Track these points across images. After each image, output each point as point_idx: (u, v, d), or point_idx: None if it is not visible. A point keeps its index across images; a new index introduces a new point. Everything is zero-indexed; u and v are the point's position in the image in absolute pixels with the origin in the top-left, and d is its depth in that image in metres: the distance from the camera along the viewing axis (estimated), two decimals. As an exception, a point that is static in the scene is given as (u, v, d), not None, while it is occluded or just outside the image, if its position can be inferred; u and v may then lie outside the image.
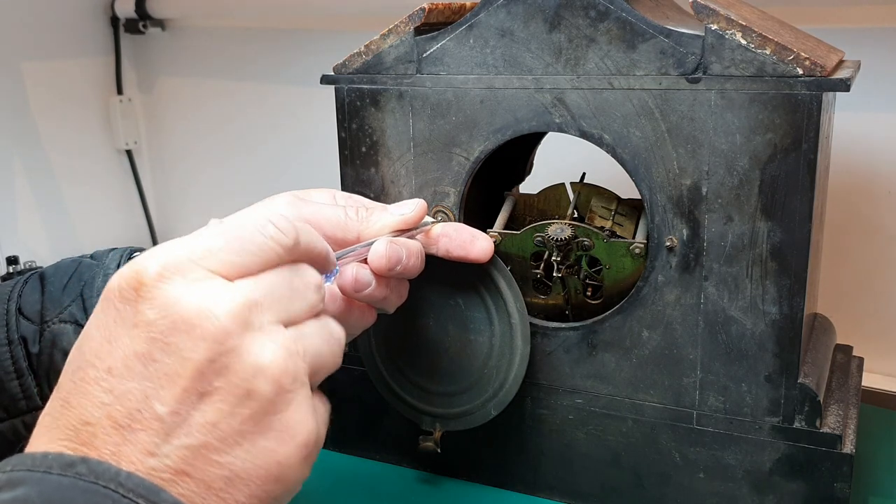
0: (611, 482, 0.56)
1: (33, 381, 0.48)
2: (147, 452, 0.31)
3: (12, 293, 0.50)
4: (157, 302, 0.33)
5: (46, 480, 0.29)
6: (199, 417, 0.32)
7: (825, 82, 0.45)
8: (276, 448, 0.33)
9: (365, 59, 0.57)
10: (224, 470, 0.32)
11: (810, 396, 0.49)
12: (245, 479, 0.32)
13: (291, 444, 0.34)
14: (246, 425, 0.33)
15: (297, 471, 0.34)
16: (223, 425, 0.32)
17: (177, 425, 0.32)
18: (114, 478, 0.30)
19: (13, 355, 0.48)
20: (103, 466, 0.30)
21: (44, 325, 0.49)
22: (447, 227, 0.53)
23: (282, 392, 0.33)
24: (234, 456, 0.32)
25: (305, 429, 0.34)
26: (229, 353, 0.33)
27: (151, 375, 0.32)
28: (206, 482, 0.32)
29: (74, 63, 1.20)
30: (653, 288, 0.51)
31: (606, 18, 0.49)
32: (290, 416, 0.34)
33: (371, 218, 0.50)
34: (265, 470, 0.33)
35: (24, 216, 1.16)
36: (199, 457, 0.32)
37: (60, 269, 0.52)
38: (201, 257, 0.34)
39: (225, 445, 0.32)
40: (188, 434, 0.32)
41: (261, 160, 1.17)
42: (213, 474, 0.32)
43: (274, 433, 0.33)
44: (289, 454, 0.33)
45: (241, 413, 0.33)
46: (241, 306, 0.33)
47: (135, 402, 0.32)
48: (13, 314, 0.49)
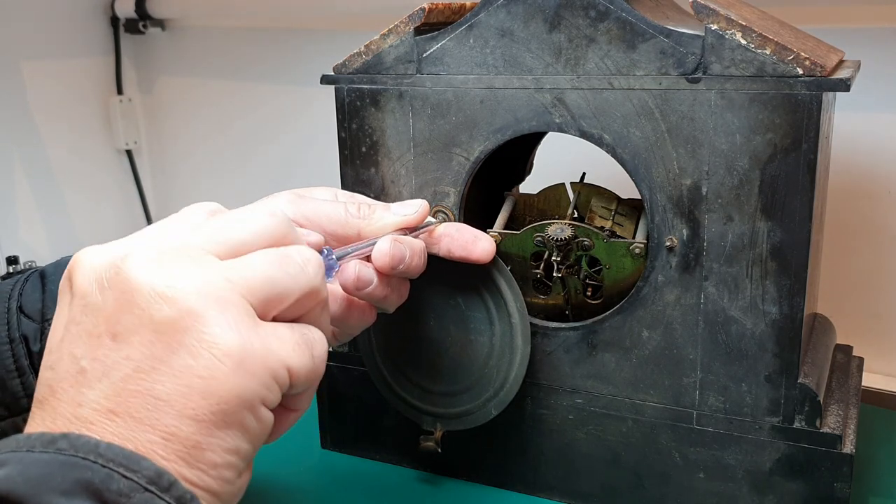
0: (611, 482, 0.56)
1: (35, 379, 0.48)
2: (76, 404, 0.33)
3: (13, 291, 0.50)
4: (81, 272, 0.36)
5: (28, 459, 0.30)
6: (115, 356, 0.33)
7: (825, 82, 0.45)
8: (192, 363, 0.33)
9: (365, 59, 0.57)
10: (145, 397, 0.33)
11: (810, 396, 0.49)
12: (167, 401, 0.33)
13: (207, 355, 0.33)
14: (156, 348, 0.33)
15: (226, 382, 0.33)
16: (136, 355, 0.33)
17: (98, 371, 0.33)
18: (93, 449, 0.31)
19: (14, 353, 0.48)
20: (83, 440, 0.31)
21: (45, 324, 0.49)
22: (449, 227, 0.53)
23: (188, 310, 0.34)
24: (151, 381, 0.33)
25: (224, 340, 0.34)
26: (130, 290, 0.34)
27: (75, 337, 0.34)
28: (131, 413, 0.33)
29: (74, 63, 1.20)
30: (653, 288, 0.51)
31: (606, 18, 0.49)
32: (202, 329, 0.34)
33: (373, 216, 0.50)
34: (186, 387, 0.33)
35: (24, 216, 1.16)
36: (120, 392, 0.33)
37: (61, 266, 0.52)
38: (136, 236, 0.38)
39: (141, 373, 0.33)
40: (107, 375, 0.33)
41: (261, 160, 1.18)
42: (136, 404, 0.33)
43: (186, 349, 0.33)
44: (208, 366, 0.33)
45: (149, 339, 0.33)
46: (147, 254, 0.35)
47: (66, 365, 0.34)
48: (14, 312, 0.49)
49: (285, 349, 0.36)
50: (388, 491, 0.61)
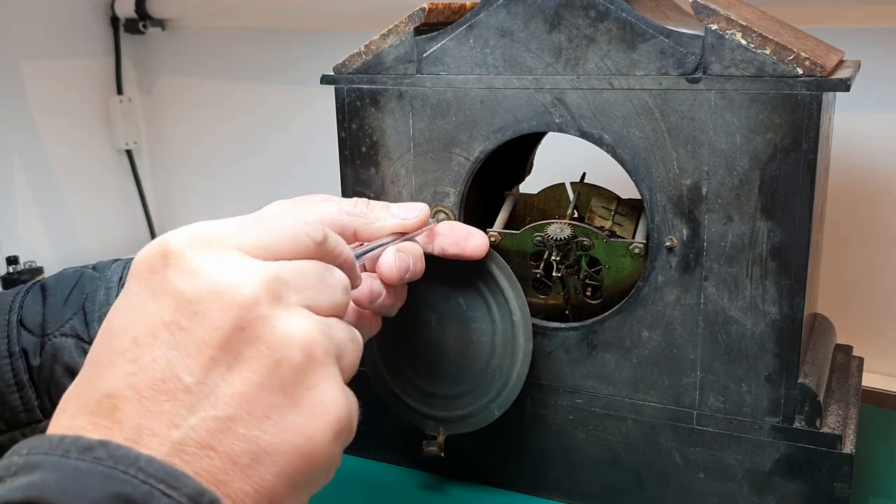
0: (611, 482, 0.56)
1: (34, 394, 0.48)
2: (171, 424, 0.30)
3: (13, 304, 0.50)
4: (186, 269, 0.32)
5: (63, 465, 0.28)
6: (227, 388, 0.31)
7: (825, 82, 0.45)
8: (305, 423, 0.32)
9: (365, 59, 0.57)
10: (251, 444, 0.31)
11: (810, 396, 0.49)
12: (272, 455, 0.31)
13: (322, 419, 0.32)
14: (275, 397, 0.32)
15: (327, 450, 0.33)
16: (252, 396, 0.31)
17: (204, 396, 0.31)
18: (133, 462, 0.29)
19: (14, 368, 0.48)
20: (122, 450, 0.29)
21: (45, 338, 0.48)
22: (442, 225, 0.53)
23: (312, 363, 0.33)
24: (261, 430, 0.31)
25: (336, 405, 0.33)
26: (259, 321, 0.32)
27: (178, 344, 0.31)
28: (232, 457, 0.30)
29: (74, 63, 1.20)
30: (653, 288, 0.51)
31: (606, 18, 0.49)
32: (320, 390, 0.33)
33: (371, 214, 0.49)
34: (294, 445, 0.32)
35: (24, 216, 1.16)
36: (225, 430, 0.31)
37: (62, 280, 0.51)
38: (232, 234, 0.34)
39: (253, 418, 0.31)
40: (215, 406, 0.31)
41: (261, 160, 1.18)
42: (240, 448, 0.31)
43: (304, 407, 0.32)
44: (319, 430, 0.32)
45: (270, 384, 0.32)
46: (272, 278, 0.33)
47: (160, 371, 0.31)
48: (14, 326, 0.49)
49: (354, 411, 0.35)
50: (387, 491, 0.61)
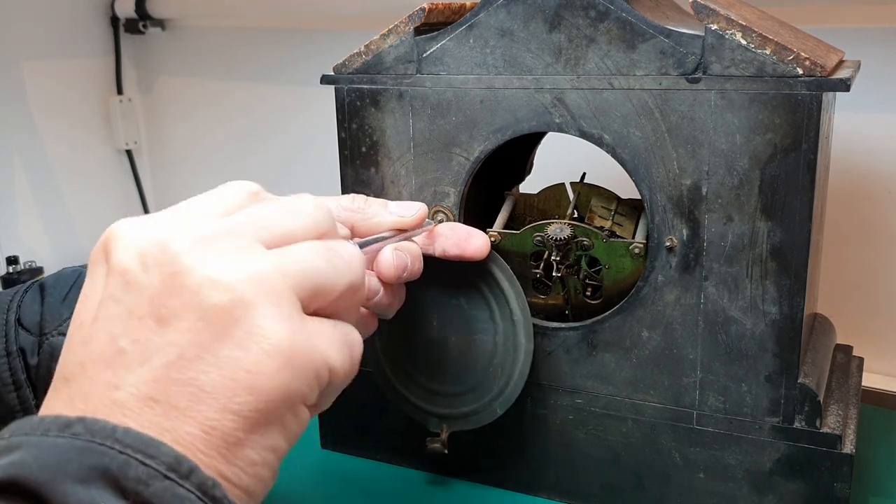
0: (611, 482, 0.56)
1: (31, 393, 0.48)
2: (112, 387, 0.31)
3: (11, 303, 0.50)
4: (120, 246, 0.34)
5: (43, 443, 0.29)
6: (159, 340, 0.32)
7: (825, 82, 0.45)
8: (240, 356, 0.32)
9: (365, 59, 0.57)
10: (188, 387, 0.31)
11: (810, 396, 0.49)
12: (211, 393, 0.32)
13: (257, 349, 0.32)
14: (204, 336, 0.32)
15: (273, 378, 0.32)
16: (182, 342, 0.32)
17: (138, 354, 0.32)
18: (110, 434, 0.29)
19: (11, 367, 0.48)
20: (99, 424, 0.30)
21: (43, 337, 0.48)
22: (442, 226, 0.53)
23: (240, 300, 0.33)
24: (196, 370, 0.32)
25: (275, 335, 0.33)
26: (180, 272, 0.33)
27: (113, 315, 0.33)
28: (172, 403, 0.31)
29: (74, 63, 1.20)
30: (653, 288, 0.51)
31: (606, 18, 0.49)
32: (253, 322, 0.33)
33: (368, 210, 0.49)
34: (232, 380, 0.32)
35: (24, 216, 1.16)
36: (161, 379, 0.31)
37: (61, 279, 0.51)
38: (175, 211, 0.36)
39: (186, 362, 0.32)
40: (149, 359, 0.32)
41: (261, 160, 1.18)
42: (178, 393, 0.31)
43: (235, 340, 0.32)
44: (257, 361, 0.32)
45: (196, 326, 0.32)
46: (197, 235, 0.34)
47: (101, 344, 0.32)
48: (12, 325, 0.49)
49: (330, 348, 0.35)
50: (387, 491, 0.61)
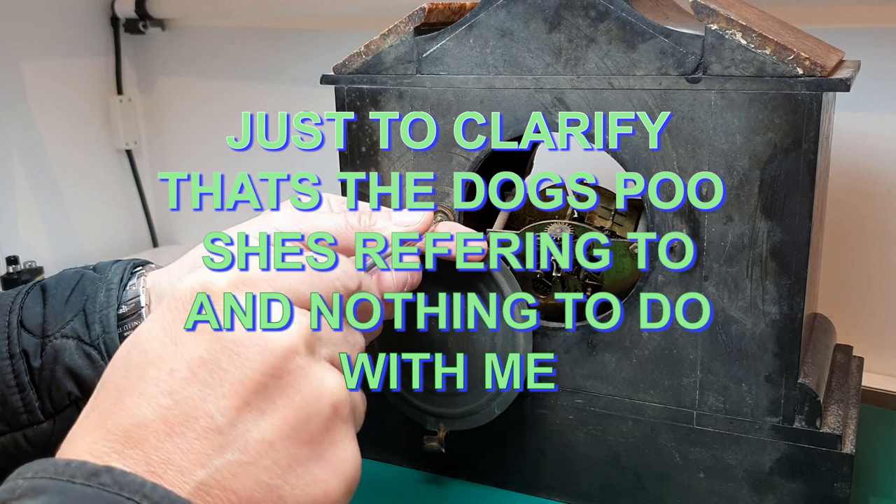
0: (611, 482, 0.56)
1: (35, 396, 0.48)
2: (198, 463, 0.30)
3: (13, 305, 0.49)
4: None
5: (69, 490, 0.28)
6: (257, 434, 0.31)
7: (825, 82, 0.45)
8: (326, 479, 0.32)
9: (365, 59, 0.57)
10: (272, 493, 0.31)
11: (810, 396, 0.49)
12: None
13: (340, 476, 0.33)
14: (302, 450, 0.32)
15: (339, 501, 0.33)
16: (279, 445, 0.31)
17: (233, 439, 0.31)
18: (138, 489, 0.29)
19: (14, 369, 0.48)
20: (128, 477, 0.29)
21: (45, 339, 0.48)
22: (441, 226, 0.53)
23: (339, 420, 0.33)
24: (284, 480, 0.31)
25: (354, 463, 0.33)
26: (295, 371, 0.32)
27: (214, 383, 0.31)
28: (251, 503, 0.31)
29: (74, 63, 1.20)
30: (653, 288, 0.51)
31: (606, 18, 0.49)
32: (342, 446, 0.33)
33: (375, 225, 0.49)
34: (311, 499, 0.32)
35: (24, 216, 1.16)
36: (250, 475, 0.31)
37: (63, 281, 0.51)
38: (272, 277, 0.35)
39: (277, 467, 0.31)
40: (243, 450, 0.31)
41: (261, 160, 1.18)
42: (261, 496, 0.31)
43: (326, 463, 0.32)
44: (336, 487, 0.33)
45: (298, 436, 0.32)
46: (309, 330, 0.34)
47: (193, 408, 0.31)
48: (15, 327, 0.48)
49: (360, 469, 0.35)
50: (387, 491, 0.61)
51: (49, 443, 0.48)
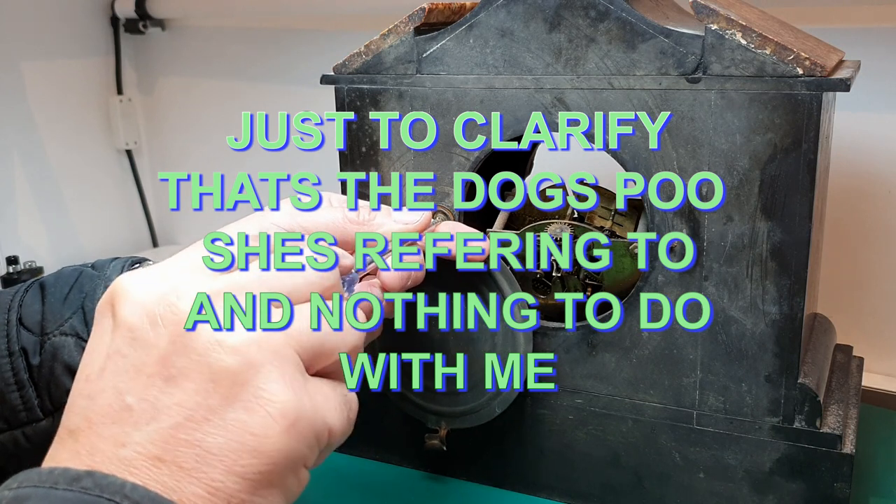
0: (611, 482, 0.56)
1: (34, 393, 0.48)
2: (118, 444, 0.32)
3: (12, 303, 0.49)
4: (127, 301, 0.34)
5: (52, 496, 0.29)
6: (167, 400, 0.33)
7: (825, 82, 0.45)
8: (246, 419, 0.33)
9: (365, 59, 0.57)
10: (194, 448, 0.32)
11: (810, 396, 0.49)
12: (217, 455, 0.32)
13: (263, 412, 0.33)
14: (212, 399, 0.33)
15: (277, 442, 0.33)
16: (189, 403, 0.32)
17: (145, 412, 0.32)
18: (119, 490, 0.30)
19: (13, 367, 0.48)
20: (108, 479, 0.30)
21: (44, 337, 0.48)
22: (442, 226, 0.53)
23: (247, 362, 0.33)
24: (203, 432, 0.32)
25: (280, 398, 0.33)
26: (188, 332, 0.33)
27: (121, 370, 0.33)
28: (178, 463, 0.32)
29: (74, 63, 1.20)
30: (653, 288, 0.51)
31: (606, 18, 0.49)
32: (259, 385, 0.33)
33: (373, 222, 0.49)
34: (238, 443, 0.32)
35: (24, 216, 1.16)
36: (168, 438, 0.32)
37: (61, 278, 0.51)
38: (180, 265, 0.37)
39: (193, 423, 0.32)
40: (156, 419, 0.32)
41: (260, 160, 1.17)
42: (185, 454, 0.32)
43: (242, 403, 0.33)
44: (262, 424, 0.33)
45: (205, 388, 0.33)
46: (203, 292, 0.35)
47: (108, 399, 0.33)
48: (14, 325, 0.48)
49: (330, 411, 0.36)
50: (387, 491, 0.61)
51: (48, 440, 0.48)
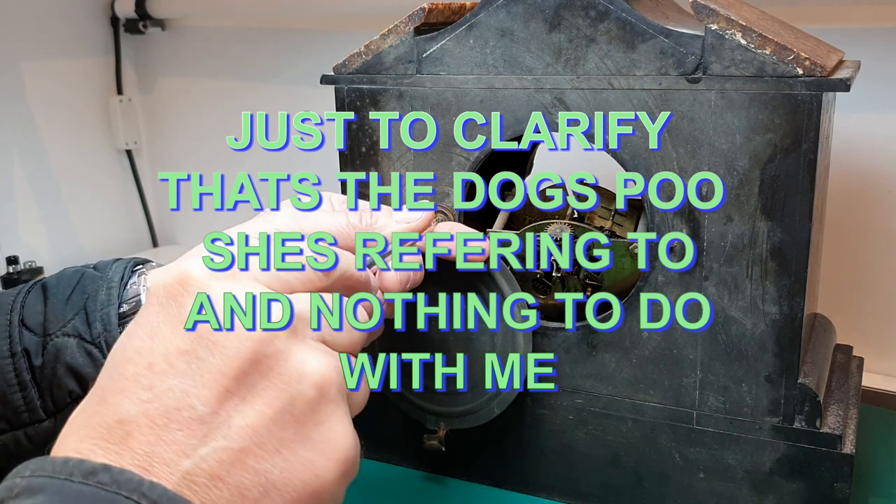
0: (611, 482, 0.56)
1: (36, 394, 0.48)
2: (182, 454, 0.30)
3: (14, 304, 0.49)
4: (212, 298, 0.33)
5: (67, 489, 0.28)
6: (240, 420, 0.31)
7: (825, 82, 0.45)
8: (314, 460, 0.32)
9: (365, 59, 0.57)
10: (260, 478, 0.31)
11: (810, 396, 0.49)
12: (280, 490, 0.31)
13: (331, 456, 0.33)
14: (287, 432, 0.32)
15: (334, 488, 0.33)
16: (264, 430, 0.31)
17: (216, 427, 0.31)
18: (136, 488, 0.29)
19: (16, 367, 0.48)
20: (126, 475, 0.29)
21: (46, 338, 0.48)
22: (442, 226, 0.53)
23: (325, 401, 0.33)
24: (271, 464, 0.31)
25: (345, 444, 0.33)
26: (275, 355, 0.32)
27: (194, 373, 0.31)
28: (241, 489, 0.31)
29: (74, 63, 1.20)
30: (653, 288, 0.51)
31: (606, 18, 0.49)
32: (331, 427, 0.33)
33: (376, 224, 0.49)
34: (302, 482, 0.32)
35: (24, 216, 1.16)
36: (236, 462, 0.31)
37: (63, 279, 0.51)
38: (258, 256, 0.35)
39: (264, 452, 0.31)
40: (227, 437, 0.31)
41: (260, 160, 1.18)
42: (249, 482, 0.31)
43: (314, 444, 0.32)
44: (327, 468, 0.33)
45: (283, 419, 0.32)
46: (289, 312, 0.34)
47: (174, 400, 0.31)
48: (16, 325, 0.48)
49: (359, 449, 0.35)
50: (387, 491, 0.61)
51: (50, 441, 0.48)
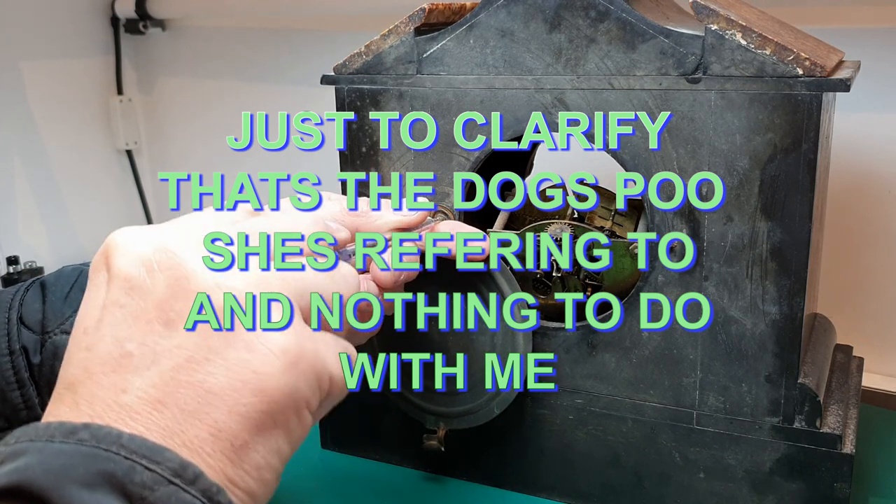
0: (611, 482, 0.56)
1: (35, 392, 0.48)
2: (119, 390, 0.32)
3: (13, 302, 0.50)
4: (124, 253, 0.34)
5: (48, 449, 0.29)
6: (166, 343, 0.32)
7: (825, 82, 0.45)
8: (248, 357, 0.33)
9: (365, 59, 0.57)
10: (196, 389, 0.32)
11: (810, 396, 0.49)
12: (219, 395, 0.32)
13: (264, 350, 0.33)
14: (212, 339, 0.33)
15: (279, 380, 0.33)
16: (189, 344, 0.32)
17: (146, 357, 0.32)
18: (115, 440, 0.30)
19: (14, 365, 0.48)
20: (105, 430, 0.30)
21: (45, 336, 0.48)
22: (442, 225, 0.53)
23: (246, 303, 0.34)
24: (204, 372, 0.32)
25: (281, 336, 0.34)
26: (186, 276, 0.33)
27: (119, 320, 0.33)
28: (180, 406, 0.32)
29: (74, 63, 1.20)
30: (653, 288, 0.51)
31: (606, 19, 0.49)
32: None
33: (372, 213, 0.49)
34: (240, 381, 0.32)
35: (24, 216, 1.16)
36: (170, 382, 0.32)
37: (62, 277, 0.51)
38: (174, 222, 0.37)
39: (194, 364, 0.32)
40: (157, 362, 0.32)
41: (260, 160, 1.18)
42: (186, 396, 0.32)
43: (243, 343, 0.33)
44: (264, 362, 0.33)
45: (205, 329, 0.33)
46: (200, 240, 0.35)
47: (107, 348, 0.33)
48: (14, 323, 0.49)
49: (330, 356, 0.36)
50: (387, 491, 0.61)
51: None
